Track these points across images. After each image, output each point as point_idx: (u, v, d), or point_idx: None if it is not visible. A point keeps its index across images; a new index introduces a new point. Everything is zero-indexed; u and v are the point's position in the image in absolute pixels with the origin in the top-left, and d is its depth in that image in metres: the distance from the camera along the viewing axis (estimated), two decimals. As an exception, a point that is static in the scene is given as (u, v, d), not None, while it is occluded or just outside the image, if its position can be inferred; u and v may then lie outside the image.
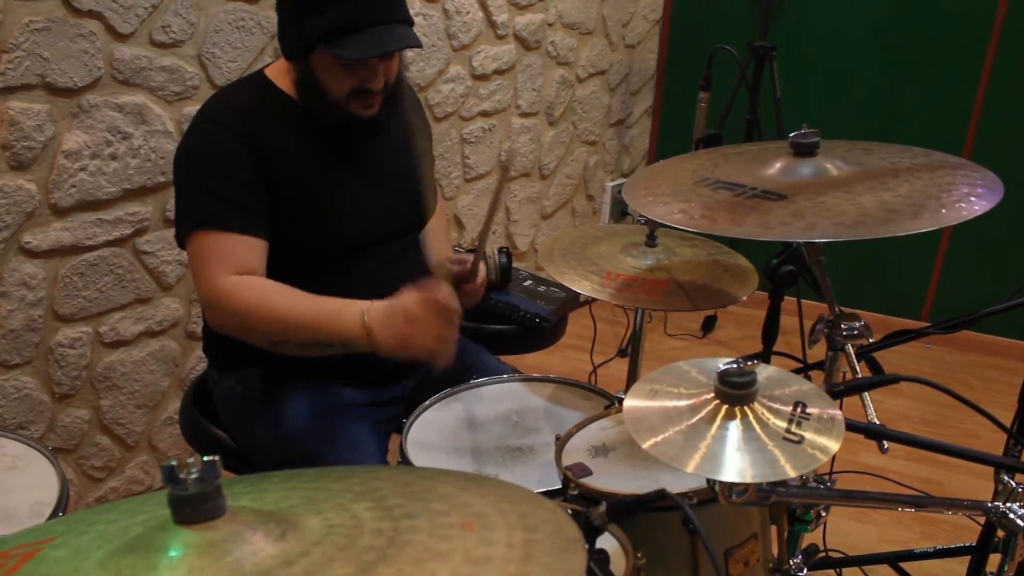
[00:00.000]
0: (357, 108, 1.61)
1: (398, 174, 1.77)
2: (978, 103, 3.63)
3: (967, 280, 3.84)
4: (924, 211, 1.33)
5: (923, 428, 3.19)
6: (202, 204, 1.57)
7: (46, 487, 1.38)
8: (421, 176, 1.81)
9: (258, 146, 1.57)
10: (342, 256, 1.69)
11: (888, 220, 1.31)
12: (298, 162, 1.63)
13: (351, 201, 1.70)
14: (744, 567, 1.39)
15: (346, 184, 1.69)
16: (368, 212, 1.72)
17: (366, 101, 1.61)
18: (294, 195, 1.62)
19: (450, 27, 3.07)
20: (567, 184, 3.98)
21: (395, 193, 1.77)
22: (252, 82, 1.70)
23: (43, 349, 2.14)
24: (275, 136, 1.61)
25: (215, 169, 1.57)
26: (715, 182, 1.53)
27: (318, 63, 1.57)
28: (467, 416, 1.70)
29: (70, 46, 1.99)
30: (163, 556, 0.69)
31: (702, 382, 1.15)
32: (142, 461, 2.47)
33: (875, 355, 1.58)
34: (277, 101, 1.65)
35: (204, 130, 1.61)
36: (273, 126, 1.61)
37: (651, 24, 4.17)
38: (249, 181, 1.57)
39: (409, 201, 1.79)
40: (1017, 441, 1.63)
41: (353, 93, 1.59)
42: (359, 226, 1.71)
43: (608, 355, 3.36)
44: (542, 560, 0.72)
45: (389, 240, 1.76)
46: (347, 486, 0.86)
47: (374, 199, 1.73)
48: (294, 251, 1.64)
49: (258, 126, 1.59)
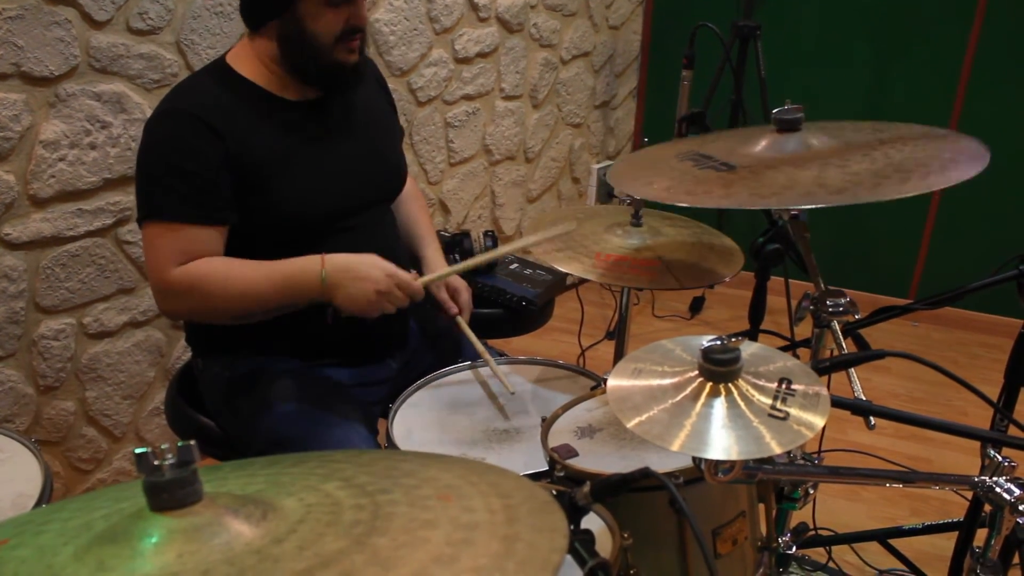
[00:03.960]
0: (343, 53, 1.64)
1: (368, 147, 1.80)
2: (963, 81, 3.63)
3: (954, 258, 3.85)
4: (912, 176, 1.31)
5: (911, 405, 3.21)
6: (155, 195, 1.59)
7: (28, 479, 1.37)
8: (391, 147, 1.88)
9: (219, 135, 1.58)
10: (316, 231, 1.69)
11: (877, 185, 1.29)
12: (264, 145, 1.63)
13: (321, 177, 1.70)
14: (732, 546, 1.39)
15: (315, 161, 1.70)
16: (339, 186, 1.73)
17: (351, 44, 1.64)
18: (263, 177, 1.62)
19: (432, 10, 3.05)
20: (552, 167, 3.97)
21: (366, 165, 1.78)
22: (214, 70, 1.71)
23: (26, 341, 2.13)
24: (238, 122, 1.61)
25: (170, 161, 1.58)
26: (699, 156, 1.52)
27: (305, 9, 1.59)
28: (453, 400, 1.69)
29: (45, 34, 1.96)
30: (146, 543, 0.68)
31: (686, 360, 1.14)
32: (129, 452, 2.46)
33: (862, 333, 1.58)
34: (240, 87, 1.66)
35: (160, 122, 1.62)
36: (236, 112, 1.62)
37: (634, 5, 4.15)
38: (205, 172, 1.58)
39: (381, 173, 1.83)
40: (1003, 415, 1.63)
41: (341, 37, 1.62)
42: (331, 200, 1.71)
43: (596, 337, 3.36)
44: (526, 521, 0.73)
45: (363, 212, 1.77)
46: (307, 469, 0.86)
47: (345, 172, 1.74)
48: (267, 231, 1.65)
49: (219, 114, 1.59)
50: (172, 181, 1.57)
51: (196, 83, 1.70)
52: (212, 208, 1.59)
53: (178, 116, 1.59)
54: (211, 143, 1.57)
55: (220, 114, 1.59)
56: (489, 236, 2.32)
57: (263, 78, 1.67)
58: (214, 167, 1.57)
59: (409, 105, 3.08)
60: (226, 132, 1.58)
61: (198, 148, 1.57)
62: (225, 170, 1.58)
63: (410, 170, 3.13)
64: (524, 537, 0.70)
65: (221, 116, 1.59)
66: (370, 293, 1.55)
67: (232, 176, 1.59)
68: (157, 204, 1.58)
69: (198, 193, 1.57)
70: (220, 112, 1.60)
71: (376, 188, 1.82)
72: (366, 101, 1.84)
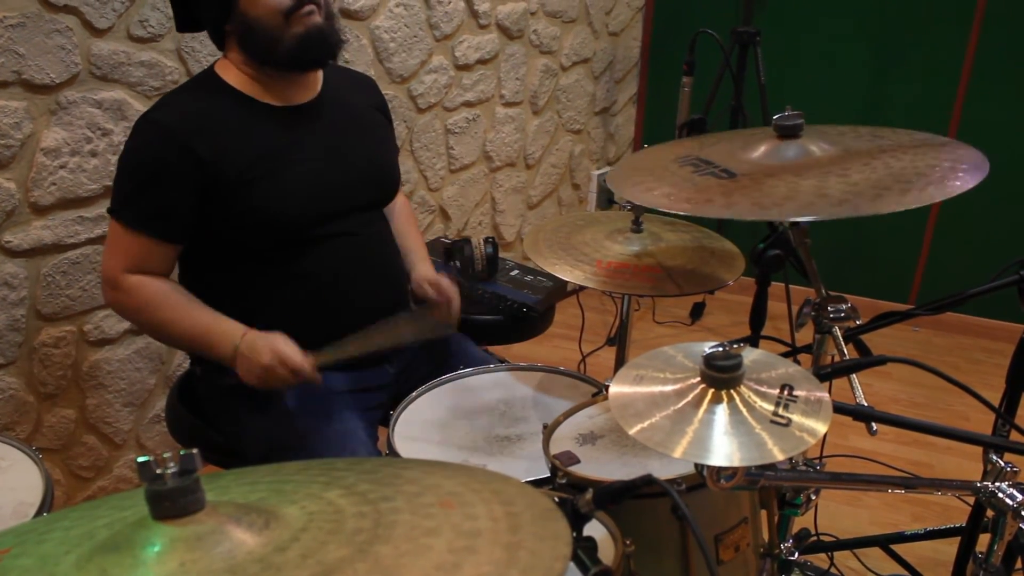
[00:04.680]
0: (300, 25, 1.63)
1: (355, 152, 1.80)
2: (962, 87, 3.63)
3: (954, 264, 3.85)
4: (912, 188, 1.31)
5: (912, 411, 3.20)
6: (120, 197, 1.66)
7: (29, 488, 1.36)
8: (380, 152, 1.89)
9: (193, 153, 1.60)
10: (304, 236, 1.70)
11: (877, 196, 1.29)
12: (247, 150, 1.64)
13: (307, 178, 1.71)
14: (735, 552, 1.39)
15: (301, 162, 1.70)
16: (329, 190, 1.73)
17: (305, 10, 1.63)
18: (246, 182, 1.63)
19: (432, 17, 3.05)
20: (552, 173, 3.97)
21: (353, 169, 1.78)
22: (202, 80, 1.73)
23: (27, 349, 2.12)
24: (220, 134, 1.63)
25: (137, 174, 1.64)
26: (699, 161, 1.52)
27: (244, 2, 1.62)
28: (454, 406, 1.69)
29: (46, 42, 1.96)
30: (149, 552, 0.68)
31: (688, 367, 1.14)
32: (130, 460, 2.45)
33: (864, 340, 1.58)
34: (225, 94, 1.69)
35: (140, 130, 1.65)
36: (219, 123, 1.64)
37: (634, 11, 4.16)
38: (168, 190, 1.62)
39: (368, 177, 1.83)
40: (1005, 421, 1.63)
41: (289, 11, 1.62)
42: (317, 204, 1.71)
43: (597, 344, 3.36)
44: (529, 529, 0.73)
45: (351, 216, 1.77)
46: (309, 477, 0.86)
47: (334, 177, 1.74)
48: (254, 235, 1.67)
49: (200, 125, 1.62)
50: (136, 194, 1.64)
51: (183, 94, 1.73)
52: (165, 228, 1.64)
53: (156, 129, 1.62)
54: (181, 160, 1.60)
55: (201, 124, 1.62)
56: (490, 242, 2.32)
57: (247, 86, 1.70)
58: (176, 187, 1.61)
59: (409, 112, 3.08)
60: (203, 143, 1.60)
61: (165, 165, 1.60)
62: (188, 190, 1.61)
63: (410, 177, 3.15)
64: (527, 545, 0.70)
65: (201, 126, 1.61)
66: (256, 368, 1.59)
67: (205, 192, 1.62)
68: (120, 206, 1.65)
69: (154, 209, 1.63)
70: (201, 122, 1.62)
71: (364, 192, 1.81)
72: (354, 107, 1.85)
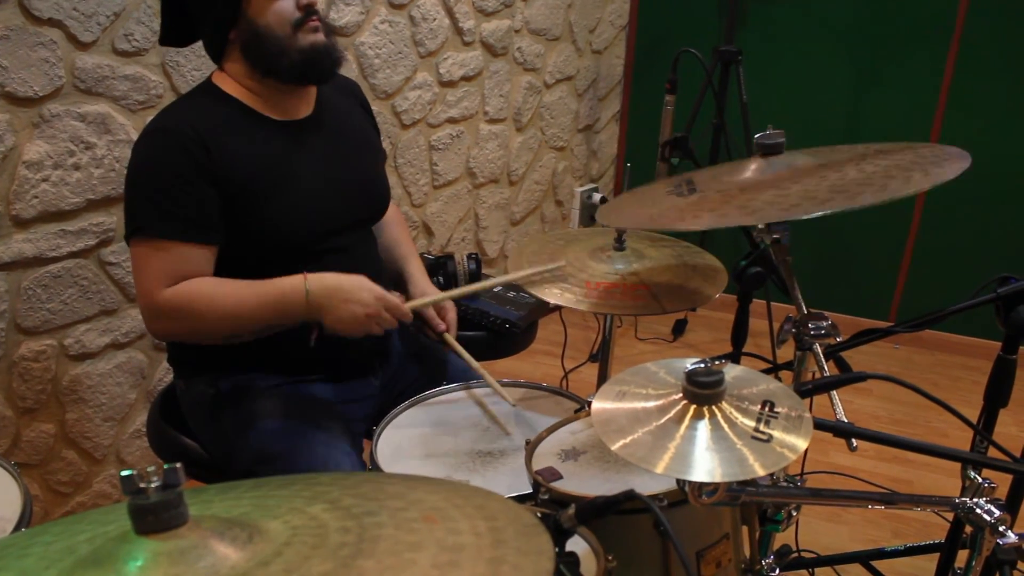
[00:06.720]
0: (306, 38, 1.64)
1: (353, 168, 1.81)
2: (941, 105, 3.67)
3: (934, 281, 3.88)
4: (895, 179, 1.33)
5: (892, 427, 3.22)
6: (143, 213, 1.59)
7: (7, 503, 1.35)
8: (375, 169, 1.90)
9: (208, 153, 1.58)
10: (302, 252, 1.69)
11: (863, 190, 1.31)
12: (253, 163, 1.64)
13: (310, 195, 1.71)
14: (716, 568, 1.39)
15: (304, 179, 1.71)
16: (327, 204, 1.74)
17: (311, 25, 1.64)
18: (249, 196, 1.63)
19: (416, 34, 3.06)
20: (536, 190, 3.98)
21: (352, 186, 1.79)
22: (203, 90, 1.72)
23: (6, 363, 2.11)
24: (227, 141, 1.62)
25: (157, 180, 1.58)
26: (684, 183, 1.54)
27: (253, 10, 1.61)
28: (437, 422, 1.69)
29: (30, 55, 1.96)
30: (131, 567, 0.68)
31: (670, 383, 1.15)
32: (110, 475, 2.44)
33: (844, 357, 1.59)
34: (228, 105, 1.67)
35: (150, 139, 1.62)
36: (225, 131, 1.63)
37: (618, 30, 4.18)
38: (192, 191, 1.58)
39: (366, 193, 1.84)
40: (983, 437, 1.64)
41: (297, 23, 1.62)
42: (319, 219, 1.72)
43: (579, 360, 3.36)
44: (512, 544, 0.73)
45: (347, 232, 1.78)
46: (293, 492, 0.86)
47: (332, 191, 1.75)
48: (253, 250, 1.66)
49: (208, 133, 1.60)
50: (160, 199, 1.57)
51: (186, 102, 1.71)
52: (198, 228, 1.59)
53: (166, 135, 1.60)
54: (198, 162, 1.57)
55: (208, 132, 1.60)
56: (472, 259, 2.32)
57: (248, 98, 1.69)
58: (201, 186, 1.57)
59: (393, 128, 3.09)
60: (214, 150, 1.59)
61: (185, 167, 1.57)
62: (212, 189, 1.58)
63: (394, 192, 3.15)
64: (510, 559, 0.70)
65: (209, 134, 1.59)
66: (360, 316, 1.56)
67: (220, 195, 1.59)
68: (144, 221, 1.58)
69: (184, 212, 1.57)
70: (208, 130, 1.60)
71: (361, 209, 1.83)
72: (351, 122, 1.86)
